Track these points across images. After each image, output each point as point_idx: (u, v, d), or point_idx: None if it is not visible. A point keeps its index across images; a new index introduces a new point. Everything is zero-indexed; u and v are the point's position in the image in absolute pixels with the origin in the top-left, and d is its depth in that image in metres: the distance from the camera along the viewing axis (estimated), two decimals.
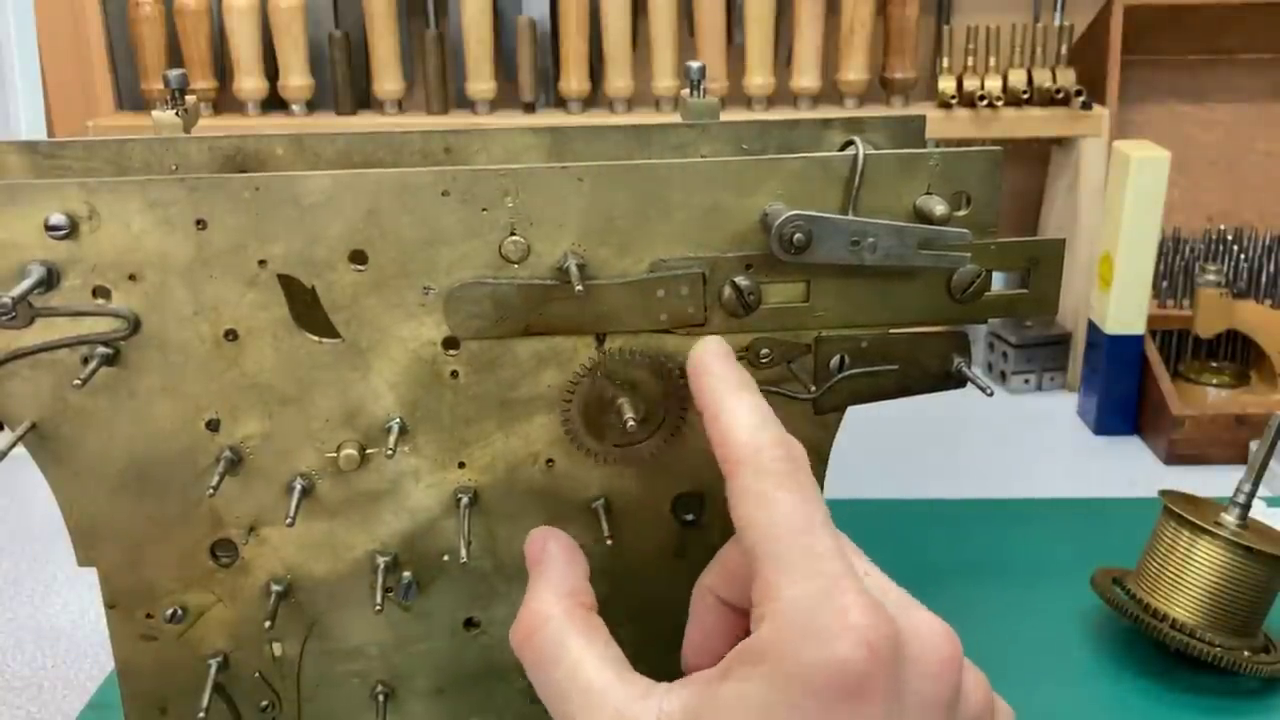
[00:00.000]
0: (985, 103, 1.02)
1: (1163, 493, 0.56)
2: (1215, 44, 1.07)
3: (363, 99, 1.09)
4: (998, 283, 0.42)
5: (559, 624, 0.36)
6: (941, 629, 0.33)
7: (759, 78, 1.05)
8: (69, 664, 0.63)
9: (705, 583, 0.39)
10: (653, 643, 0.44)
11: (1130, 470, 0.89)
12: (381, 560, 0.43)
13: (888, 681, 0.31)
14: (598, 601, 0.45)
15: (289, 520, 0.41)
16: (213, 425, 0.41)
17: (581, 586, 0.39)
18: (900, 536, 0.66)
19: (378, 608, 0.43)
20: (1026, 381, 1.03)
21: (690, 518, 0.44)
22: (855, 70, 1.05)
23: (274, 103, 1.07)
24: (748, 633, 0.34)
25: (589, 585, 0.39)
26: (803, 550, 0.32)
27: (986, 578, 0.62)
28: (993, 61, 1.05)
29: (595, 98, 1.09)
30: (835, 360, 0.43)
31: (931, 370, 0.44)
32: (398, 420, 0.41)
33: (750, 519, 0.34)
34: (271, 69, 1.06)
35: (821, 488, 0.45)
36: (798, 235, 0.39)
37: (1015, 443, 0.93)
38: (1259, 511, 0.58)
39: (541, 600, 0.38)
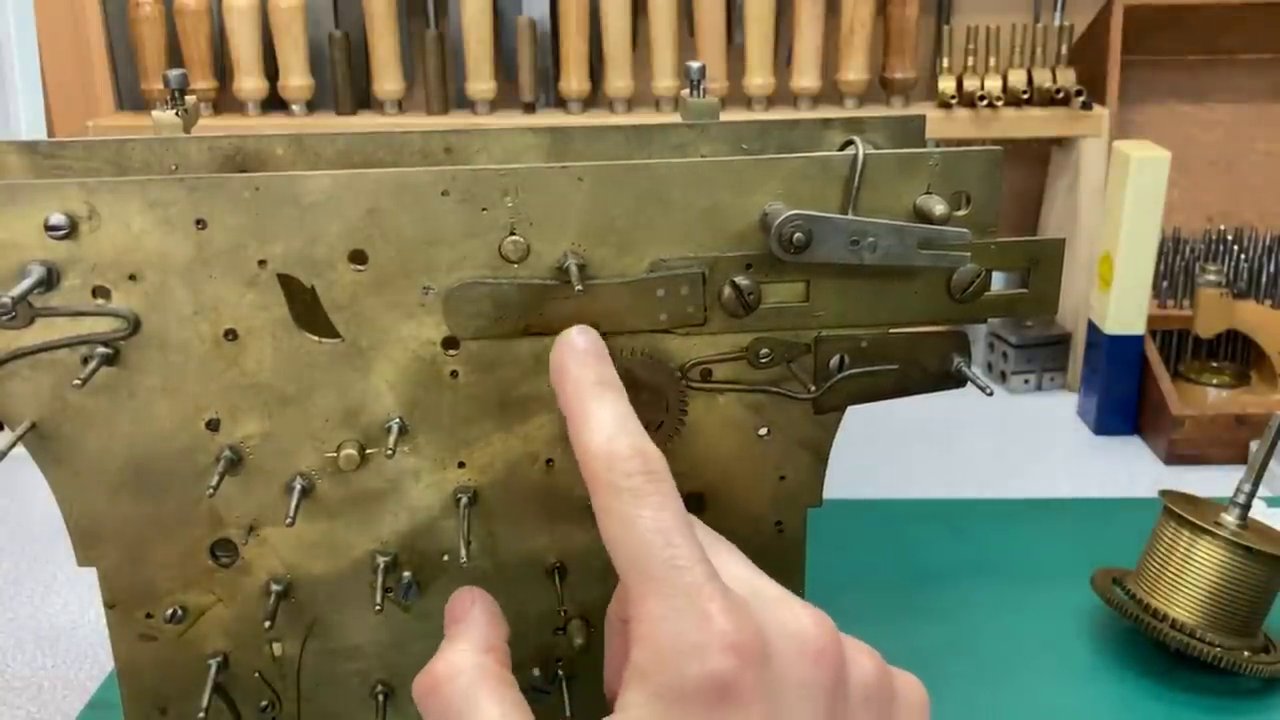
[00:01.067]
0: (985, 103, 1.02)
1: (1163, 493, 0.56)
2: (1215, 44, 1.07)
3: (363, 99, 1.09)
4: (998, 283, 0.42)
5: (471, 678, 0.36)
6: (811, 618, 0.34)
7: (759, 78, 1.05)
8: (69, 664, 0.63)
9: (612, 609, 0.39)
10: None
11: (1130, 470, 0.89)
12: (381, 560, 0.43)
13: (760, 680, 0.31)
14: (595, 607, 0.45)
15: (289, 520, 0.41)
16: (213, 425, 0.41)
17: (499, 645, 0.38)
18: (900, 536, 0.66)
19: (378, 608, 0.43)
20: (1026, 381, 1.03)
21: None
22: (855, 70, 1.05)
23: (274, 103, 1.07)
24: None
25: (507, 647, 0.39)
26: (663, 565, 0.33)
27: (986, 578, 0.62)
28: (993, 61, 1.05)
29: (595, 98, 1.09)
30: (835, 360, 0.43)
31: (931, 370, 0.44)
32: (398, 420, 0.41)
33: (613, 539, 0.34)
34: (271, 69, 1.06)
35: (821, 487, 0.45)
36: (797, 235, 0.39)
37: (1015, 443, 0.93)
38: (1259, 511, 0.58)
39: (458, 653, 0.37)
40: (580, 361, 0.38)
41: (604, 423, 0.36)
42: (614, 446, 0.35)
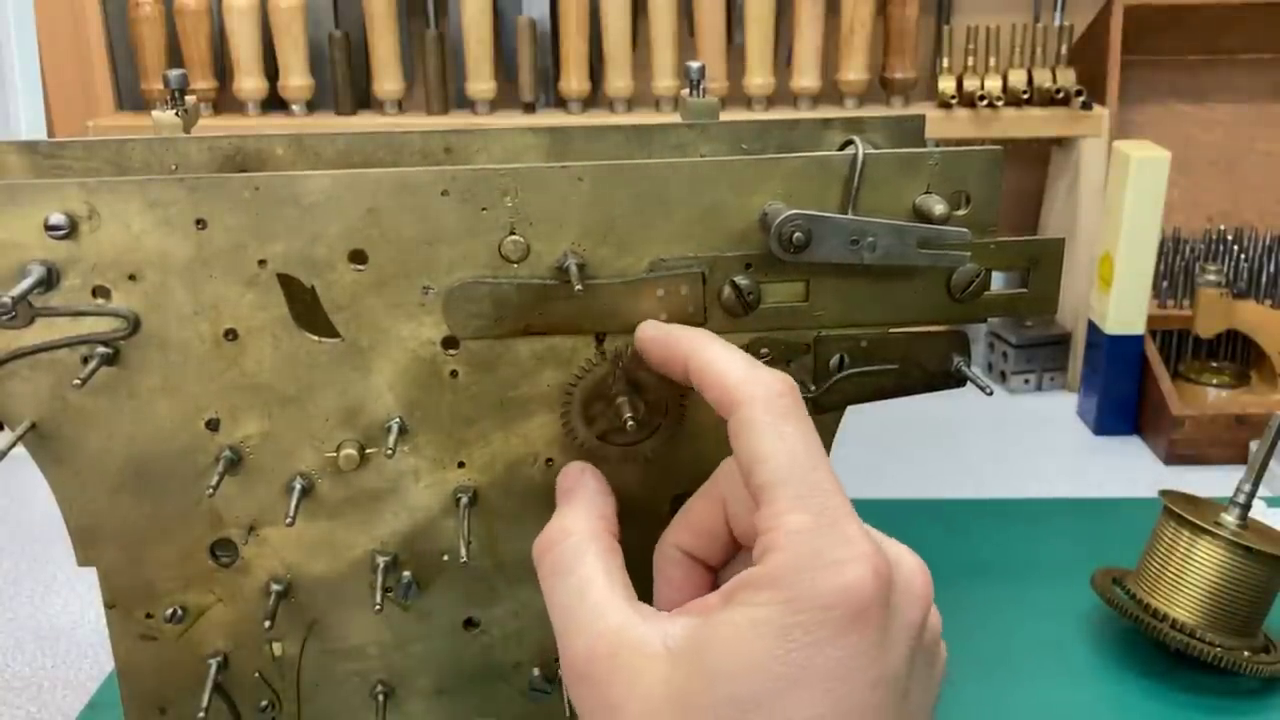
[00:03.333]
0: (985, 103, 1.02)
1: (1163, 493, 0.56)
2: (1215, 44, 1.07)
3: (363, 99, 1.09)
4: (997, 282, 0.42)
5: (581, 540, 0.38)
6: (918, 561, 0.36)
7: (759, 78, 1.05)
8: (69, 664, 0.63)
9: (670, 540, 0.40)
10: None
11: (1130, 470, 0.89)
12: (381, 560, 0.43)
13: (884, 606, 0.33)
14: None
15: (289, 520, 0.41)
16: (213, 425, 0.41)
17: (609, 515, 0.40)
18: (900, 537, 0.66)
19: (378, 607, 0.43)
20: (1026, 381, 1.03)
21: None
22: (855, 70, 1.05)
23: (274, 103, 1.07)
24: (713, 586, 0.37)
25: (615, 516, 0.40)
26: (811, 484, 0.34)
27: (986, 578, 0.62)
28: (993, 61, 1.05)
29: (595, 98, 1.09)
30: (835, 360, 0.43)
31: (931, 370, 0.44)
32: (397, 420, 0.41)
33: (759, 452, 0.35)
34: (271, 69, 1.06)
35: None
36: (797, 234, 0.39)
37: (1015, 443, 0.93)
38: (1259, 511, 0.58)
39: (569, 518, 0.39)
40: (678, 327, 0.40)
41: (739, 357, 0.37)
42: (758, 374, 0.36)
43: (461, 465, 0.43)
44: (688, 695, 0.33)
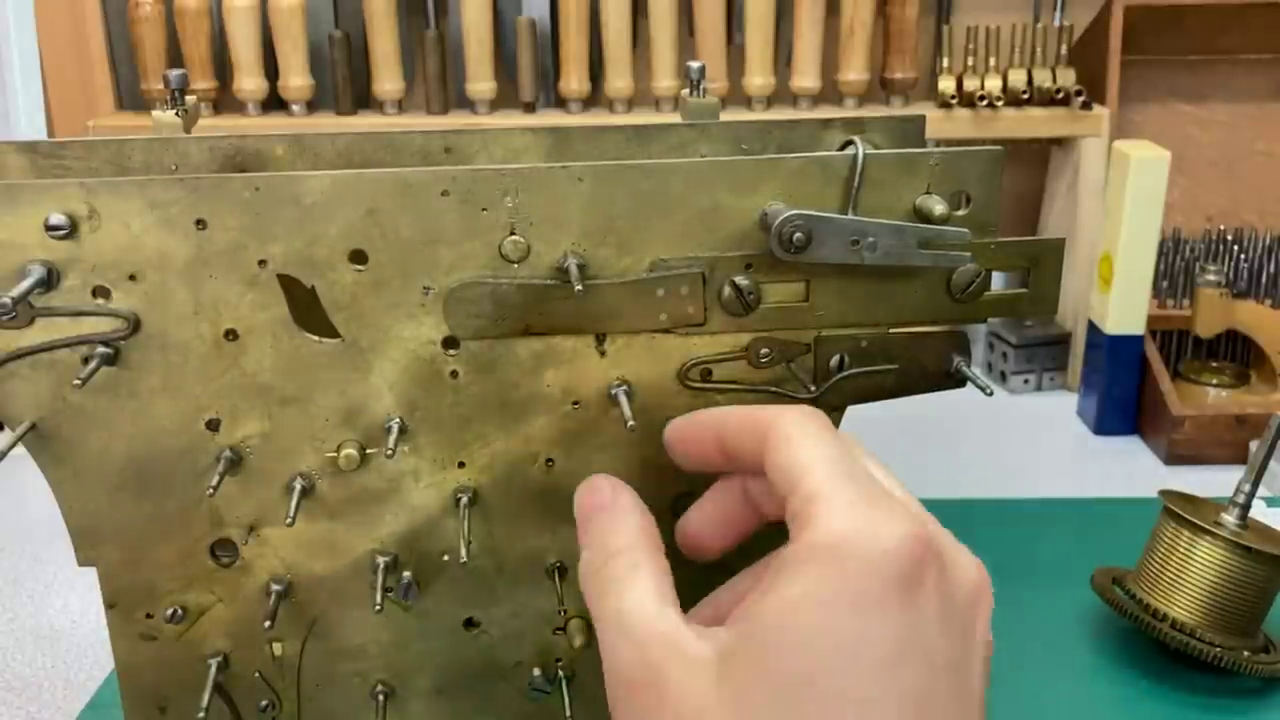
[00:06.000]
0: (985, 103, 1.02)
1: (1163, 493, 0.56)
2: (1215, 44, 1.07)
3: (363, 99, 1.09)
4: (997, 282, 0.42)
5: (634, 556, 0.37)
6: (976, 561, 0.37)
7: (759, 78, 1.05)
8: (69, 664, 0.63)
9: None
10: None
11: (1130, 470, 0.89)
12: (381, 560, 0.43)
13: (938, 575, 0.33)
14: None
15: (289, 520, 0.41)
16: (213, 425, 0.41)
17: (654, 530, 0.39)
18: None
19: (378, 607, 0.43)
20: (1026, 381, 1.03)
21: None
22: (855, 70, 1.05)
23: (274, 103, 1.07)
24: (749, 530, 0.39)
25: (657, 531, 0.39)
26: (850, 472, 0.34)
27: None
28: (993, 61, 1.05)
29: (595, 98, 1.09)
30: (835, 360, 0.43)
31: (931, 370, 0.44)
32: (397, 420, 0.42)
33: (795, 458, 0.35)
34: (271, 69, 1.06)
35: None
36: (797, 235, 0.39)
37: (1015, 443, 0.93)
38: (1259, 511, 0.58)
39: (616, 536, 0.38)
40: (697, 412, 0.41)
41: (760, 407, 0.38)
42: (783, 405, 0.38)
43: (461, 465, 0.43)
44: (740, 690, 0.32)
